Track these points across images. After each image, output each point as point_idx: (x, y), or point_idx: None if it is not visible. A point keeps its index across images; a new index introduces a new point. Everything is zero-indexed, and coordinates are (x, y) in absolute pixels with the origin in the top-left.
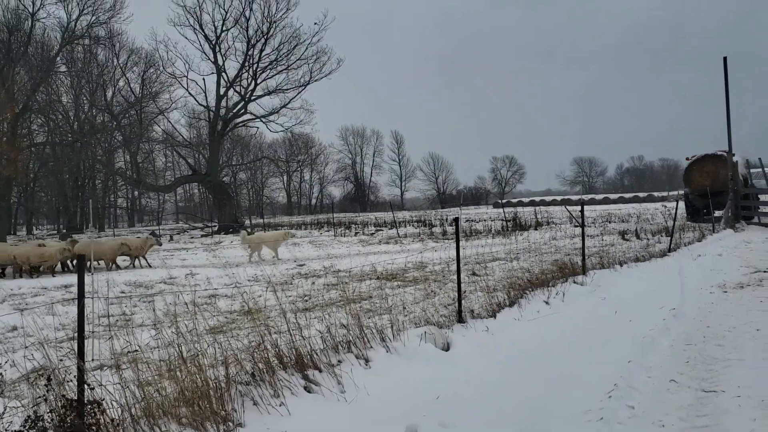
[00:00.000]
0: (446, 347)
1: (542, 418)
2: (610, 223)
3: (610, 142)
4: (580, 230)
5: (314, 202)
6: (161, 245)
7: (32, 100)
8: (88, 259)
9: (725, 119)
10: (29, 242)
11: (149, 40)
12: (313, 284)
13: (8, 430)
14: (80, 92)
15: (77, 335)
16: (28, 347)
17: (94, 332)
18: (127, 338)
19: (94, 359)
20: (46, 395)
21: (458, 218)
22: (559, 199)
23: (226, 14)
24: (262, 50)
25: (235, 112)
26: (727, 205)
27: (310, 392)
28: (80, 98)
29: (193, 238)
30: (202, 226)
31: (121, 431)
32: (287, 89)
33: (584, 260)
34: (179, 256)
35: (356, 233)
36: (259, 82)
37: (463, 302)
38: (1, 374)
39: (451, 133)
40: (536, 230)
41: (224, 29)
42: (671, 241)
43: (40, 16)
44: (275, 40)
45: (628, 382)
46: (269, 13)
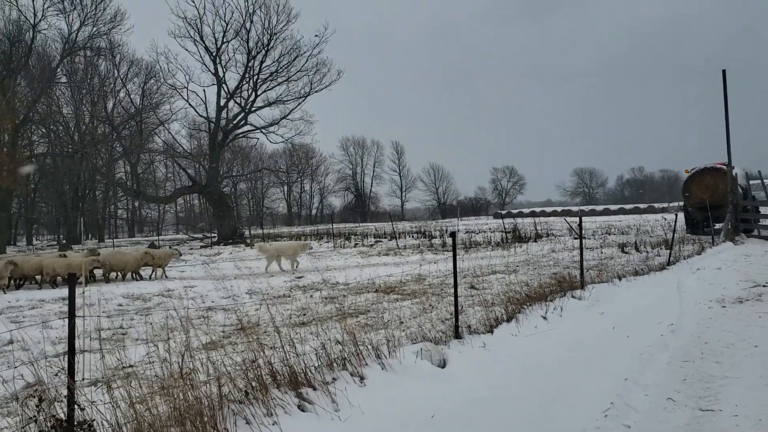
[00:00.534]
0: (442, 364)
1: None
2: (609, 235)
3: (610, 153)
4: (579, 242)
5: (314, 212)
6: (181, 255)
7: (33, 111)
8: (113, 269)
9: (725, 131)
10: (36, 252)
11: (150, 51)
12: (310, 297)
13: None
14: (81, 103)
15: (68, 353)
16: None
17: (88, 349)
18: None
19: (84, 379)
20: (36, 416)
21: (455, 233)
22: (559, 210)
23: (226, 26)
24: (262, 62)
25: (235, 123)
26: (726, 218)
27: (303, 411)
28: (81, 109)
29: (192, 249)
30: (201, 237)
31: None
32: (287, 100)
33: (582, 274)
34: (178, 267)
35: (356, 244)
36: (259, 93)
37: (460, 317)
38: None
39: (451, 143)
40: (536, 242)
41: (225, 41)
42: (670, 254)
43: (41, 27)
44: (276, 51)
45: (624, 400)
46: (270, 25)
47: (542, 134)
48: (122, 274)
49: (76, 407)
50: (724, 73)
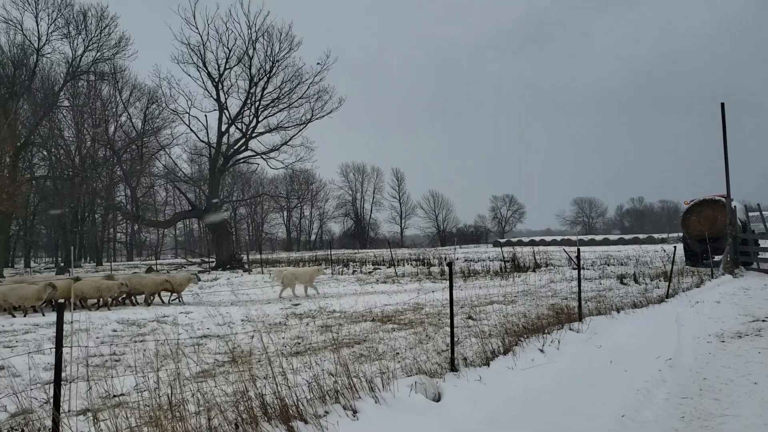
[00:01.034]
0: (437, 398)
1: None
2: (608, 265)
3: (610, 183)
4: (577, 274)
5: (314, 237)
6: (200, 281)
7: (35, 134)
8: (138, 292)
9: (723, 163)
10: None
11: (153, 76)
12: (306, 326)
13: None
14: (82, 126)
15: (54, 384)
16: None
17: (78, 376)
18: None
19: (70, 410)
20: None
21: (451, 264)
22: (558, 239)
23: (229, 53)
24: (264, 88)
25: (236, 148)
26: (725, 250)
27: None
28: (82, 133)
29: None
30: (199, 261)
31: None
32: (288, 127)
33: (580, 307)
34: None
35: (354, 271)
36: (260, 119)
37: (457, 349)
38: None
39: (451, 171)
40: (534, 272)
41: (227, 67)
42: (669, 286)
43: (45, 51)
44: (277, 78)
45: None
46: (272, 52)
47: (542, 163)
48: (146, 297)
49: None
50: (722, 106)
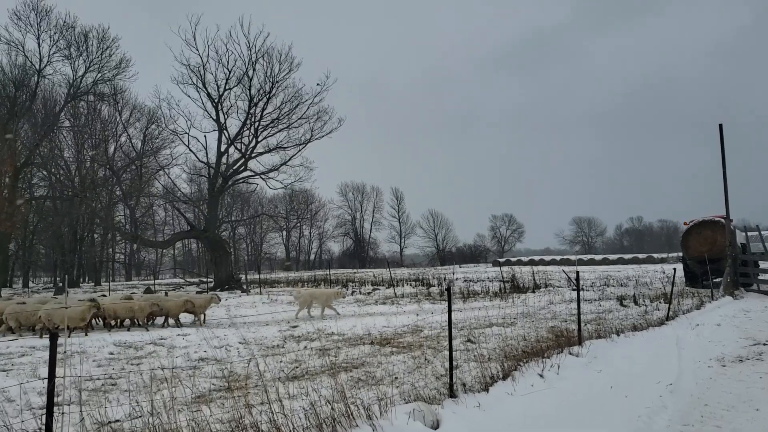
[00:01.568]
0: (435, 425)
1: None
2: (608, 286)
3: (609, 202)
4: (577, 297)
5: (313, 257)
6: (220, 301)
7: (35, 154)
8: (158, 314)
9: (723, 184)
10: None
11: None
12: (305, 349)
13: None
14: (82, 147)
15: (46, 416)
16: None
17: (74, 401)
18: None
19: None
20: None
21: (450, 288)
22: (558, 258)
23: (229, 74)
24: (264, 109)
25: (235, 168)
26: (725, 271)
27: None
28: (82, 153)
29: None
30: (197, 282)
31: None
32: (288, 147)
33: (580, 330)
34: None
35: (353, 292)
36: (260, 139)
37: (456, 373)
38: None
39: (450, 190)
40: (534, 293)
41: (227, 88)
42: (669, 308)
43: (46, 72)
44: (277, 99)
45: None
46: (272, 73)
47: (541, 183)
48: (167, 319)
49: None
50: (720, 127)
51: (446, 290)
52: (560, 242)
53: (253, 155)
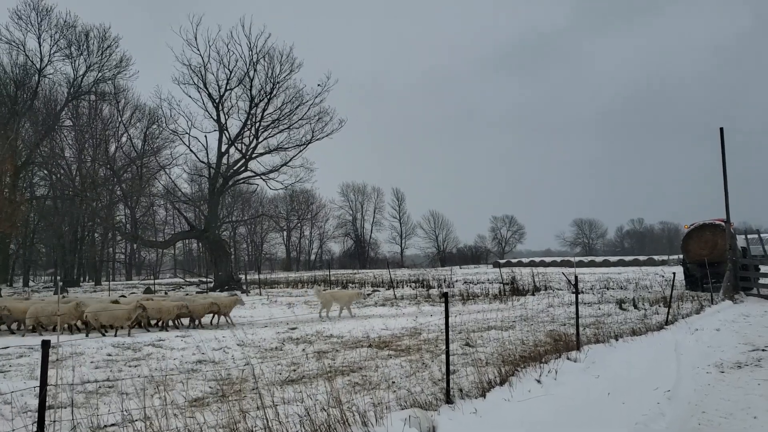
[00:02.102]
0: None
1: None
2: (608, 289)
3: (610, 204)
4: (575, 302)
5: (313, 257)
6: (245, 304)
7: (35, 153)
8: (185, 316)
9: (723, 188)
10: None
11: (153, 97)
12: (303, 351)
13: None
14: (83, 146)
15: (37, 425)
16: None
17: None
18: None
19: None
20: None
21: (447, 294)
22: (558, 260)
23: (230, 74)
24: (264, 109)
25: (235, 169)
26: (725, 276)
27: None
28: (83, 152)
29: (188, 294)
30: (197, 282)
31: None
32: (288, 147)
33: (578, 335)
34: None
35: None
36: (260, 140)
37: (453, 378)
38: None
39: (452, 191)
40: (533, 295)
41: (228, 88)
42: (668, 312)
43: (47, 71)
44: (278, 99)
45: None
46: (273, 74)
47: (542, 184)
48: (192, 320)
49: None
50: (721, 131)
51: (444, 295)
52: (561, 244)
53: (253, 156)
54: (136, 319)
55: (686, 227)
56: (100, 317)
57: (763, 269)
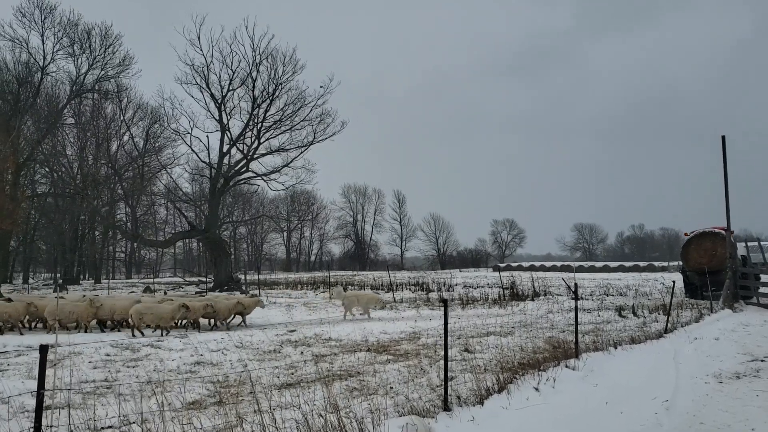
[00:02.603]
0: None
1: None
2: (608, 296)
3: (611, 209)
4: (575, 309)
5: (313, 258)
6: (264, 306)
7: (37, 150)
8: (210, 316)
9: (724, 196)
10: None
11: (156, 96)
12: (301, 354)
13: None
14: (85, 144)
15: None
16: None
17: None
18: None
19: None
20: None
21: (446, 301)
22: (558, 265)
23: (233, 75)
24: (267, 110)
25: (237, 169)
26: (725, 284)
27: None
28: (85, 151)
29: (187, 294)
30: (196, 282)
31: None
32: (290, 149)
33: (577, 343)
34: None
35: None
36: (262, 141)
37: (451, 384)
38: None
39: (452, 194)
40: (533, 301)
41: (230, 89)
42: (668, 320)
43: (50, 69)
44: (280, 101)
45: None
46: (276, 75)
47: (543, 188)
48: (220, 321)
49: None
50: (723, 139)
51: (443, 302)
52: (561, 248)
53: (255, 156)
54: (179, 318)
55: (686, 234)
56: (144, 317)
57: (763, 278)
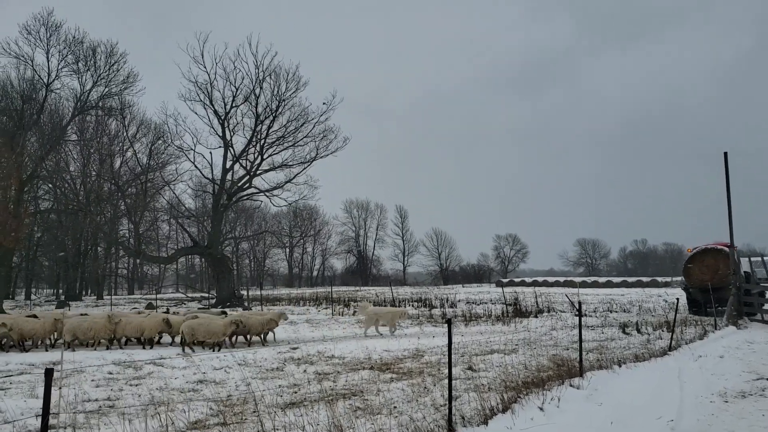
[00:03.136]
0: None
1: None
2: (611, 312)
3: (613, 224)
4: (579, 328)
5: (315, 274)
6: (287, 319)
7: (41, 167)
8: (241, 332)
9: (727, 213)
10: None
11: (159, 113)
12: (304, 372)
13: None
14: (88, 161)
15: None
16: None
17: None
18: None
19: None
20: None
21: (450, 320)
22: (561, 280)
23: (236, 91)
24: (270, 127)
25: (240, 185)
26: (729, 300)
27: None
28: (88, 167)
29: (189, 311)
30: (199, 298)
31: None
32: (293, 165)
33: (581, 361)
34: None
35: (354, 312)
36: (265, 157)
37: (455, 404)
38: None
39: (455, 209)
40: (536, 317)
41: (234, 105)
42: (672, 338)
43: (54, 86)
44: (283, 117)
45: None
46: (279, 92)
47: (546, 203)
48: (252, 336)
49: None
50: (725, 155)
51: (447, 322)
52: (564, 263)
53: (258, 172)
54: (231, 334)
55: (689, 251)
56: (196, 332)
57: None
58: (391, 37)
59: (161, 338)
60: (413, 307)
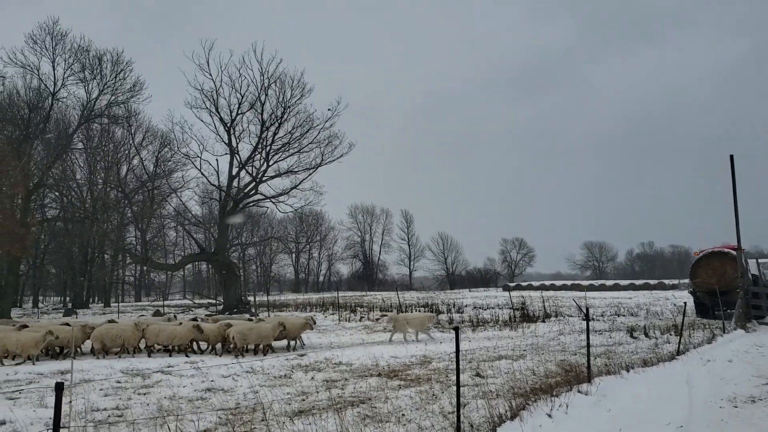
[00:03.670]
0: None
1: None
2: (619, 316)
3: (620, 227)
4: (587, 332)
5: (322, 279)
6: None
7: (47, 175)
8: (282, 337)
9: (734, 213)
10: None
11: (166, 121)
12: (312, 379)
13: None
14: (95, 169)
15: None
16: None
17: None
18: None
19: None
20: None
21: (458, 328)
22: (569, 284)
23: (242, 99)
24: (275, 133)
25: (246, 192)
26: (737, 303)
27: None
28: (94, 175)
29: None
30: (206, 304)
31: None
32: (298, 171)
33: (589, 367)
34: None
35: (361, 318)
36: (271, 163)
37: (463, 412)
38: None
39: (461, 213)
40: (544, 322)
41: (240, 113)
42: (680, 342)
43: (60, 95)
44: (289, 123)
45: None
46: (284, 98)
47: (552, 206)
48: (290, 340)
49: None
50: (731, 158)
51: (454, 329)
52: (571, 267)
53: (263, 179)
54: (277, 337)
55: (696, 254)
56: (248, 337)
57: None
58: (390, 37)
59: (193, 345)
60: (420, 312)
